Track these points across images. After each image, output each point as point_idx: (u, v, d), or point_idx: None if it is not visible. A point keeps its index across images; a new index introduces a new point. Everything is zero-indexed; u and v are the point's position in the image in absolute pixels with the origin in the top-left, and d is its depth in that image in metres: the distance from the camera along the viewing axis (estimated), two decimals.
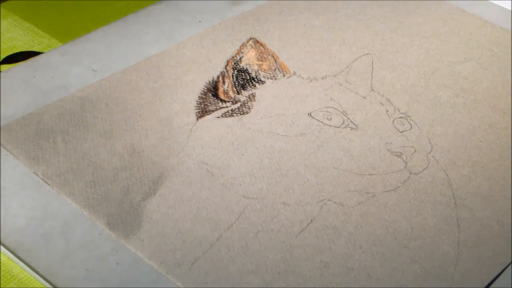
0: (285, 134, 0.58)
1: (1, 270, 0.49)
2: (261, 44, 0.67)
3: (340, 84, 0.63)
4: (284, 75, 0.64)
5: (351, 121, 0.60)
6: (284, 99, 0.61)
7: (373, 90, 0.63)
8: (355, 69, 0.65)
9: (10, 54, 0.66)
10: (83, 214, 0.52)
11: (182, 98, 0.61)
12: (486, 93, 0.63)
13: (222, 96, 0.61)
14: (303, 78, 0.64)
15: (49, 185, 0.53)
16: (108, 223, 0.51)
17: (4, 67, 0.64)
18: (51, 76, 0.63)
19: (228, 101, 0.61)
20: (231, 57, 0.65)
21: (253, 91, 0.62)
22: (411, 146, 0.58)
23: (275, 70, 0.64)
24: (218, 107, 0.60)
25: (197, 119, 0.59)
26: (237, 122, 0.59)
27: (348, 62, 0.66)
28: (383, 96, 0.62)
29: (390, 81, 0.64)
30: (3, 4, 0.71)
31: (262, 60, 0.65)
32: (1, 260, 0.50)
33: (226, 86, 0.62)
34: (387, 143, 0.58)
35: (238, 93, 0.62)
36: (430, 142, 0.58)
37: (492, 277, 0.49)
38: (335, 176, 0.55)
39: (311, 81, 0.63)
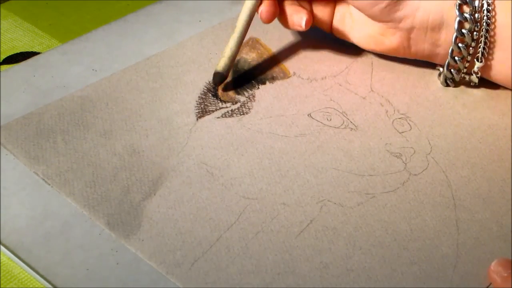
0: (285, 134, 0.58)
1: (1, 270, 0.49)
2: (261, 44, 0.67)
3: (340, 85, 0.63)
4: (283, 76, 0.64)
5: (351, 122, 0.60)
6: (284, 100, 0.61)
7: (372, 90, 0.63)
8: (355, 70, 0.65)
9: (10, 54, 0.66)
10: (83, 214, 0.52)
11: (182, 98, 0.61)
12: (486, 94, 0.64)
13: (222, 96, 0.61)
14: (302, 78, 0.64)
15: (49, 184, 0.53)
16: (108, 223, 0.51)
17: (4, 67, 0.64)
18: (51, 75, 0.63)
19: (228, 102, 0.61)
20: None
21: (253, 91, 0.62)
22: (411, 147, 0.58)
23: (275, 70, 0.64)
24: (218, 108, 0.60)
25: (197, 119, 0.59)
26: (237, 122, 0.59)
27: (348, 63, 0.66)
28: (382, 96, 0.63)
29: (390, 81, 0.64)
30: (3, 5, 0.71)
31: (262, 60, 0.65)
32: (1, 260, 0.50)
33: (226, 87, 0.62)
34: (386, 144, 0.58)
35: (238, 94, 0.62)
36: (429, 143, 0.58)
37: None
38: (334, 176, 0.55)
39: (310, 81, 0.63)
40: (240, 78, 0.63)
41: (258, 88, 0.62)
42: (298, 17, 0.62)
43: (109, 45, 0.66)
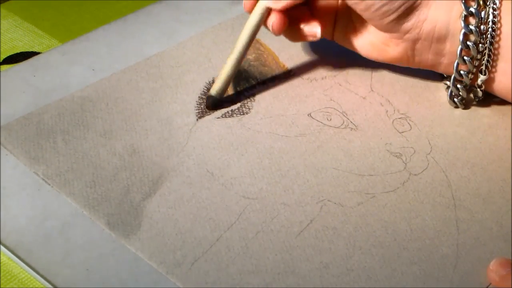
0: (285, 134, 0.58)
1: (1, 270, 0.49)
2: (261, 44, 0.67)
3: (340, 85, 0.63)
4: (283, 76, 0.64)
5: (351, 122, 0.60)
6: (284, 100, 0.61)
7: (372, 90, 0.63)
8: (355, 70, 0.65)
9: (10, 54, 0.66)
10: (83, 214, 0.52)
11: (182, 98, 0.61)
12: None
13: None
14: (303, 78, 0.64)
15: (49, 184, 0.53)
16: (108, 223, 0.51)
17: (4, 67, 0.64)
18: (51, 75, 0.63)
19: (228, 101, 0.61)
20: None
21: (253, 91, 0.62)
22: (411, 147, 0.58)
23: (275, 70, 0.64)
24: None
25: (197, 119, 0.59)
26: (237, 122, 0.59)
27: (348, 63, 0.66)
28: (382, 96, 0.63)
29: (390, 81, 0.64)
30: (3, 5, 0.71)
31: (262, 60, 0.65)
32: (1, 260, 0.50)
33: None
34: (386, 143, 0.58)
35: (238, 94, 0.62)
36: (429, 143, 0.58)
37: None
38: (334, 176, 0.55)
39: (311, 81, 0.63)
40: (240, 78, 0.63)
41: (258, 88, 0.62)
42: (311, 27, 0.60)
43: (109, 45, 0.66)
